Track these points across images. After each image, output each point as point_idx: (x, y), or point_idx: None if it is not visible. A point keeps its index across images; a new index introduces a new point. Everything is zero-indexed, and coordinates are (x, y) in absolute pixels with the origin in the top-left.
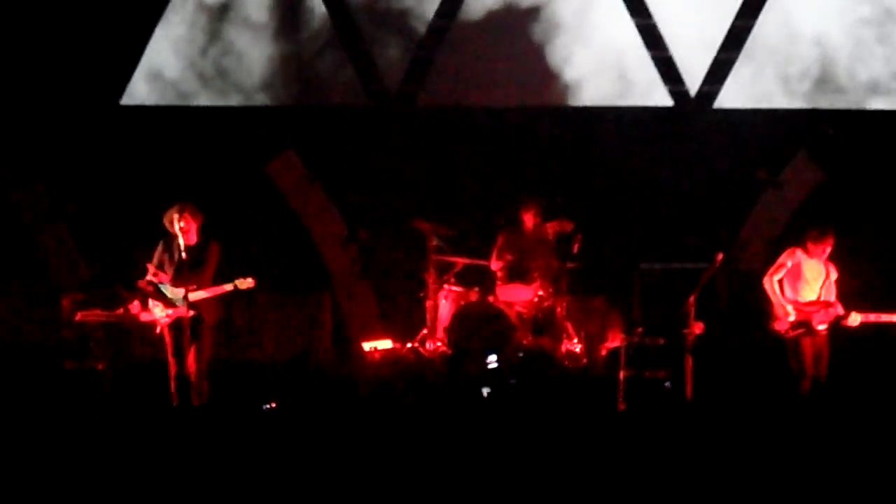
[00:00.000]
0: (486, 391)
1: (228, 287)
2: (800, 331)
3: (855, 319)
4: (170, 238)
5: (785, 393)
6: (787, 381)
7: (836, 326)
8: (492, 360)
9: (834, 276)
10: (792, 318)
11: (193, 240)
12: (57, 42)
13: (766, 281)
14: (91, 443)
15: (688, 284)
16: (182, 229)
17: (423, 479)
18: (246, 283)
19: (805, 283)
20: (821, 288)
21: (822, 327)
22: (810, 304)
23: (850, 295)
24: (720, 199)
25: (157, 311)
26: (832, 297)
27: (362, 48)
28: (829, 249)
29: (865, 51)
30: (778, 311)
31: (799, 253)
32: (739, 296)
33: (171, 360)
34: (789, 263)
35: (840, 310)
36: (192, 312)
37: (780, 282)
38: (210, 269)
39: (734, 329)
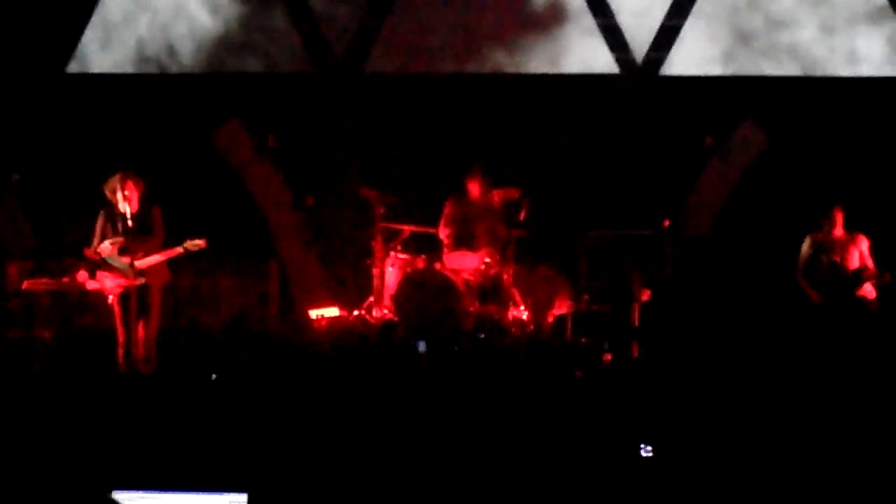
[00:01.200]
0: (421, 346)
1: (179, 249)
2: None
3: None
4: (110, 207)
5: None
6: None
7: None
8: (421, 346)
9: (864, 244)
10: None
11: (136, 207)
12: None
13: (798, 278)
14: (37, 412)
15: (635, 251)
16: (126, 197)
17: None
18: (196, 243)
19: (837, 262)
20: (852, 260)
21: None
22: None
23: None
24: (667, 167)
25: (107, 282)
26: (868, 264)
27: (308, 15)
28: (840, 222)
29: (811, 16)
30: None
31: (818, 237)
32: (686, 262)
33: (119, 328)
34: (813, 250)
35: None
36: (140, 280)
37: (807, 271)
38: (159, 234)
39: (679, 296)
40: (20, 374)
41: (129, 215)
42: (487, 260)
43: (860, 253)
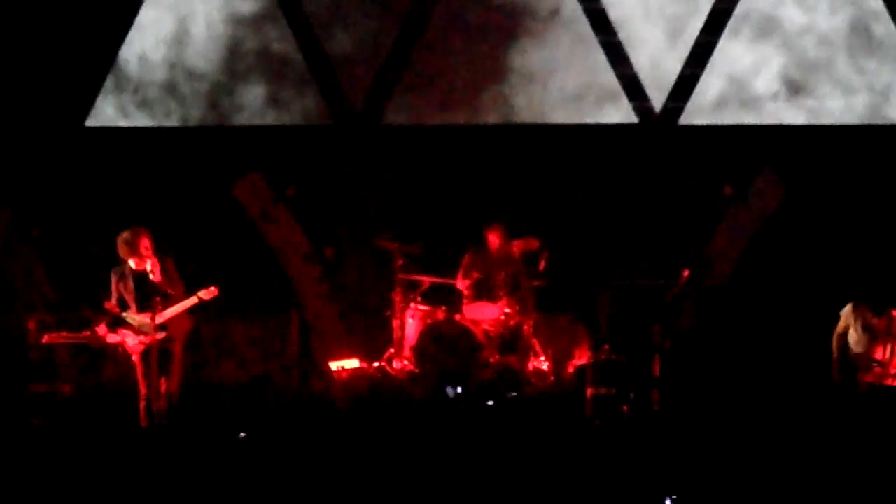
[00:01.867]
0: (450, 391)
1: (193, 299)
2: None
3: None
4: (121, 266)
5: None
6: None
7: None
8: (450, 391)
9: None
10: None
11: (147, 264)
12: (20, 64)
13: (832, 338)
14: (59, 466)
15: (655, 301)
16: (144, 252)
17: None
18: (209, 292)
19: (861, 338)
20: (878, 344)
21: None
22: (860, 358)
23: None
24: (686, 216)
25: (129, 340)
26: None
27: (327, 67)
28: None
29: (832, 67)
30: (834, 366)
31: (861, 309)
32: (705, 312)
33: (141, 383)
34: (848, 320)
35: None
36: (162, 334)
37: (841, 336)
38: (179, 285)
39: (700, 346)
40: (41, 428)
41: (139, 272)
42: (507, 311)
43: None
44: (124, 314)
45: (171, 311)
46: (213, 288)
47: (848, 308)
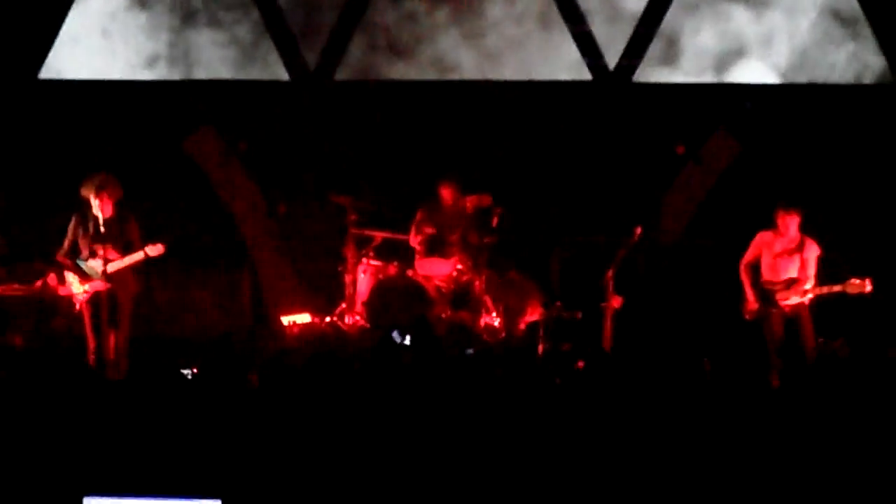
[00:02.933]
0: (397, 337)
1: (139, 255)
2: (758, 313)
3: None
4: (85, 210)
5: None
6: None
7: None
8: (396, 335)
9: (813, 252)
10: (752, 304)
11: (110, 212)
12: None
13: (740, 268)
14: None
15: (606, 258)
16: (100, 203)
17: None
18: (156, 248)
19: (778, 263)
20: (794, 265)
21: (788, 302)
22: (774, 282)
23: None
24: (639, 174)
25: (75, 287)
26: (806, 274)
27: (281, 23)
28: (795, 225)
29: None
30: (747, 298)
31: (768, 235)
32: (657, 269)
33: (89, 335)
34: (759, 248)
35: (810, 285)
36: (109, 285)
37: (754, 266)
38: (132, 242)
39: (651, 303)
40: None
41: (101, 220)
42: (459, 267)
43: (803, 261)
44: (77, 261)
45: (119, 262)
46: (160, 245)
47: (757, 238)
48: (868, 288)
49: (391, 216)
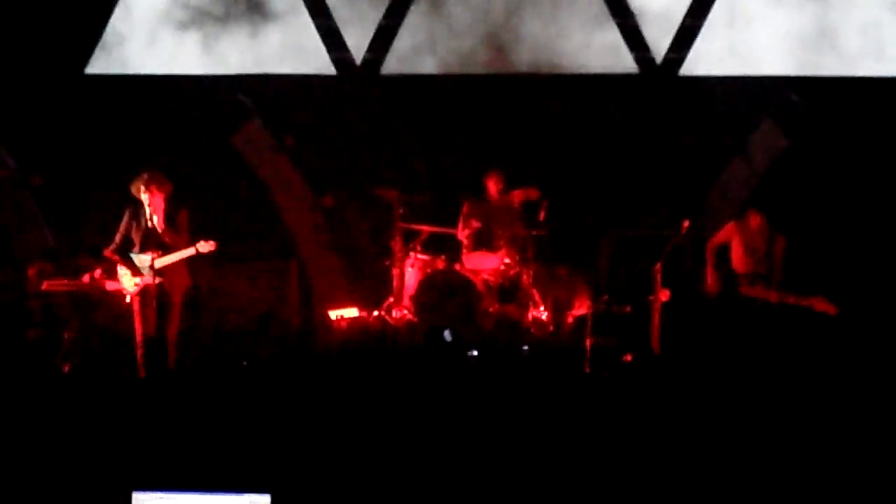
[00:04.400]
0: (447, 335)
1: (190, 251)
2: (718, 299)
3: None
4: (137, 206)
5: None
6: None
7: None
8: (447, 335)
9: (780, 246)
10: (712, 286)
11: (161, 208)
12: (21, 11)
13: (707, 247)
14: (57, 413)
15: (654, 252)
16: (150, 198)
17: (395, 446)
18: (207, 245)
19: (743, 254)
20: (759, 260)
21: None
22: (741, 275)
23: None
24: (687, 166)
25: (126, 281)
26: (772, 269)
27: (328, 17)
28: (759, 223)
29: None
30: (707, 277)
31: (738, 224)
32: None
33: (138, 328)
34: (728, 234)
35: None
36: (158, 280)
37: (719, 251)
38: (183, 236)
39: (699, 296)
40: (40, 374)
41: (149, 215)
42: (507, 261)
43: (774, 256)
44: (128, 255)
45: (170, 258)
46: (211, 241)
47: (732, 224)
48: (832, 311)
49: (439, 210)
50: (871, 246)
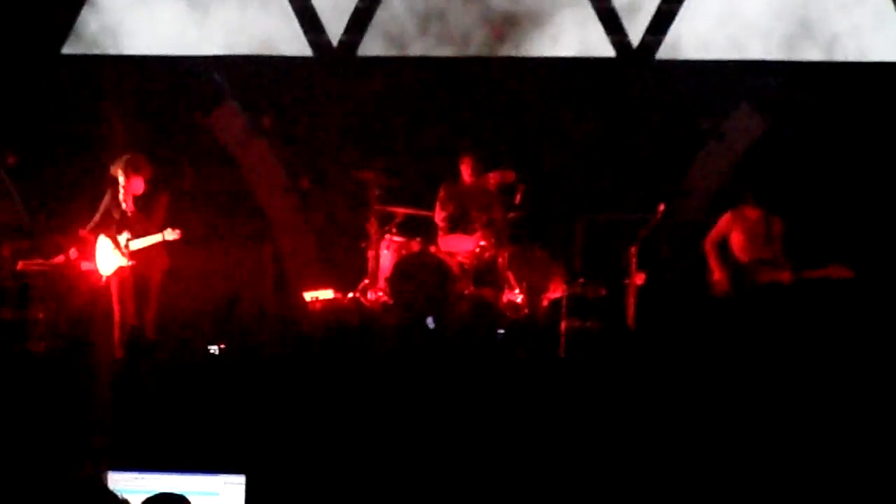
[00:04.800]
0: (430, 322)
1: (157, 237)
2: (728, 292)
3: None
4: (117, 187)
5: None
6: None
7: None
8: (430, 322)
9: (778, 228)
10: (722, 281)
11: (139, 190)
12: None
13: (705, 244)
14: (31, 393)
15: (630, 235)
16: (126, 181)
17: (370, 429)
18: (173, 233)
19: (745, 243)
20: (762, 245)
21: (764, 282)
22: (747, 263)
23: (794, 247)
24: (662, 150)
25: (101, 261)
26: (774, 254)
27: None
28: (756, 209)
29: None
30: (713, 273)
31: (734, 214)
32: (681, 246)
33: (115, 307)
34: (726, 226)
35: (779, 266)
36: (133, 261)
37: (719, 244)
38: (156, 220)
39: (675, 280)
40: (14, 354)
41: (129, 197)
42: (482, 243)
43: (774, 239)
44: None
45: (140, 242)
46: (177, 230)
47: (728, 215)
48: (849, 273)
49: (414, 193)
50: (866, 218)
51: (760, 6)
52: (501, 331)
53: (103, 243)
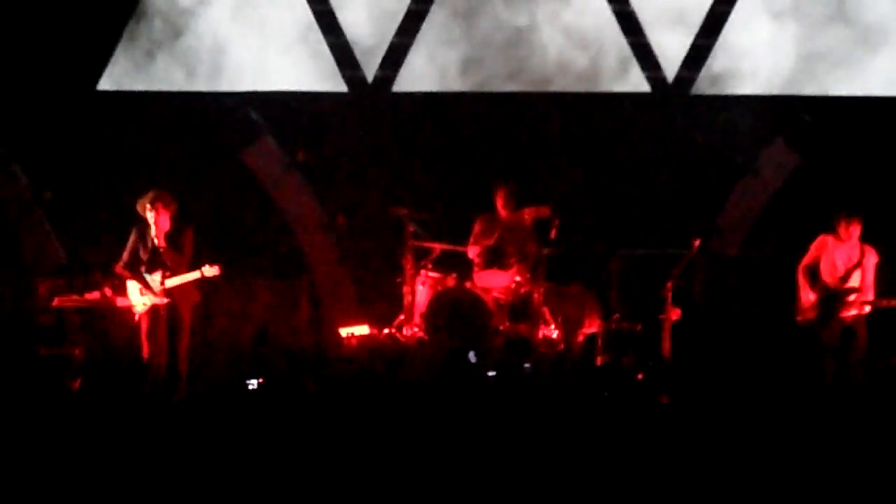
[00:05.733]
0: (472, 357)
1: (196, 274)
2: (814, 320)
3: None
4: (144, 225)
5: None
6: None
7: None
8: (472, 356)
9: (872, 260)
10: (808, 307)
11: (167, 227)
12: (33, 28)
13: (798, 271)
14: (67, 429)
15: (665, 270)
16: (155, 217)
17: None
18: (212, 269)
19: (837, 270)
20: (853, 273)
21: (849, 312)
22: (836, 289)
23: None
24: (697, 185)
25: (135, 298)
26: (866, 284)
27: (340, 35)
28: (857, 232)
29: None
30: (802, 302)
31: (830, 239)
32: (716, 282)
33: (145, 346)
34: (819, 251)
35: (870, 296)
36: (167, 300)
37: (812, 270)
38: (186, 255)
39: (711, 315)
40: (50, 391)
41: (155, 234)
42: (518, 278)
43: (864, 269)
44: (138, 273)
45: (175, 280)
46: (216, 267)
47: (819, 239)
48: None
49: (450, 228)
50: None
51: (793, 42)
52: (528, 364)
53: (133, 283)
